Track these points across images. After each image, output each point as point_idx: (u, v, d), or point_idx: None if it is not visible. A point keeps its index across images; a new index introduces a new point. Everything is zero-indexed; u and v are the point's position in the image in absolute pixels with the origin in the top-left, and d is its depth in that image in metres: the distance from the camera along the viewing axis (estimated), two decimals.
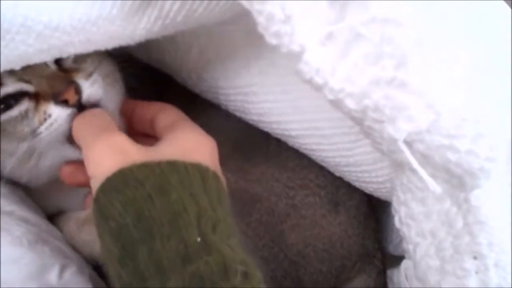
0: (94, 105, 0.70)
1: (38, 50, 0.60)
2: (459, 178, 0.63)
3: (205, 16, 0.64)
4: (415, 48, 0.58)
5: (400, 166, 0.68)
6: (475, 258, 0.65)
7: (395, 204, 0.73)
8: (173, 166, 0.59)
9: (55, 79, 0.68)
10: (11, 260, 0.65)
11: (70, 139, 0.69)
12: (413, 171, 0.64)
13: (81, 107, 0.68)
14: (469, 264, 0.66)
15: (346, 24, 0.57)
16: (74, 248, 0.77)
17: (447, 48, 0.60)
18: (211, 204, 0.58)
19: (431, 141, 0.60)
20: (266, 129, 0.87)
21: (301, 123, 0.83)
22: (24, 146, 0.71)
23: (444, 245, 0.68)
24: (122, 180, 0.58)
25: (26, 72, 0.68)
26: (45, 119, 0.68)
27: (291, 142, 0.87)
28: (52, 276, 0.67)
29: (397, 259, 0.83)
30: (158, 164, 0.59)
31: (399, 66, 0.58)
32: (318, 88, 0.59)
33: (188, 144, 0.64)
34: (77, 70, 0.70)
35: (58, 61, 0.70)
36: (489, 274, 0.65)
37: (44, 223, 0.77)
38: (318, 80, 0.58)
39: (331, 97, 0.59)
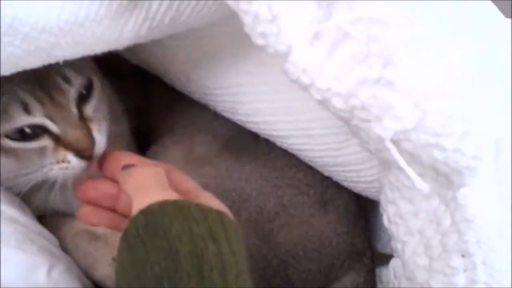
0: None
1: (25, 52, 0.59)
2: (446, 177, 0.63)
3: (193, 17, 0.64)
4: (402, 47, 0.58)
5: (387, 165, 0.69)
6: (463, 256, 0.66)
7: (383, 203, 0.74)
8: (221, 215, 0.61)
9: (80, 132, 0.73)
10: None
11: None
12: (401, 169, 0.64)
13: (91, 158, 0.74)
14: (457, 262, 0.66)
15: (333, 24, 0.57)
16: (74, 258, 0.77)
17: (434, 47, 0.60)
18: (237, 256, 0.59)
19: (418, 140, 0.61)
20: (254, 130, 0.87)
21: (289, 124, 0.84)
22: (24, 175, 0.75)
23: (432, 244, 0.68)
24: (179, 211, 0.60)
25: (54, 111, 0.72)
26: (62, 161, 0.73)
27: (279, 142, 0.87)
28: (41, 275, 0.67)
29: (386, 258, 0.83)
30: (210, 210, 0.61)
31: (386, 65, 0.58)
32: (305, 87, 0.59)
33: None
34: (94, 121, 0.75)
35: (79, 106, 0.75)
36: (477, 272, 0.65)
37: (32, 223, 0.77)
38: (305, 79, 0.58)
39: (318, 96, 0.60)
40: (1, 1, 0.55)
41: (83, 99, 0.76)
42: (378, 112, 0.59)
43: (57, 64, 0.68)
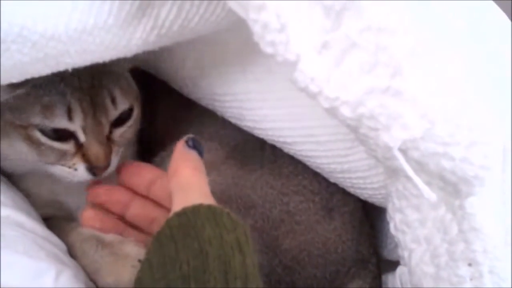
0: None
1: (33, 59, 0.59)
2: (454, 186, 0.63)
3: (201, 25, 0.64)
4: (409, 57, 0.58)
5: (395, 173, 0.69)
6: (469, 265, 0.66)
7: (390, 211, 0.74)
8: (245, 229, 0.62)
9: (102, 151, 0.77)
10: (6, 265, 0.65)
11: None
12: (408, 178, 0.64)
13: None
14: (464, 271, 0.66)
15: (341, 33, 0.57)
16: (81, 264, 0.78)
17: (442, 57, 0.60)
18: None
19: (425, 149, 0.61)
20: (261, 136, 0.87)
21: (296, 130, 0.84)
22: (37, 165, 0.79)
23: (439, 252, 0.68)
24: (212, 216, 0.61)
25: (92, 127, 0.76)
26: (69, 167, 0.77)
27: (286, 148, 0.87)
28: (48, 281, 0.67)
29: (392, 264, 0.83)
30: (238, 222, 0.62)
31: (394, 74, 0.58)
32: (313, 96, 0.59)
33: None
34: (117, 144, 0.79)
35: (112, 127, 0.79)
36: (483, 281, 0.65)
37: (40, 229, 0.77)
38: (313, 88, 0.58)
39: (326, 105, 0.60)
40: (10, 9, 0.55)
41: (118, 122, 0.79)
42: (386, 121, 0.59)
43: (110, 82, 0.75)
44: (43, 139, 0.75)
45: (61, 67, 0.64)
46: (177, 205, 0.63)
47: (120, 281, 0.75)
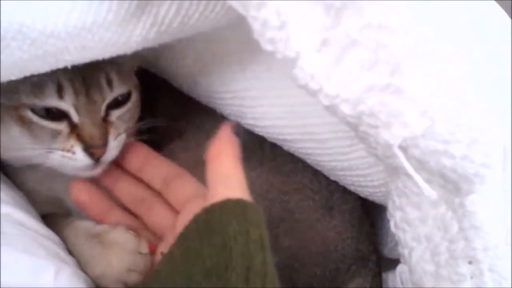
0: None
1: (33, 56, 0.59)
2: (454, 183, 0.63)
3: (201, 22, 0.64)
4: (410, 54, 0.58)
5: (395, 171, 0.68)
6: (470, 263, 0.66)
7: (390, 209, 0.74)
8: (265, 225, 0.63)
9: (97, 131, 0.75)
10: (6, 263, 0.65)
11: None
12: (409, 176, 0.64)
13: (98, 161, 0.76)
14: (464, 269, 0.66)
15: (341, 31, 0.57)
16: (73, 255, 0.77)
17: (442, 54, 0.60)
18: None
19: (426, 147, 0.61)
20: (261, 134, 0.87)
21: (296, 128, 0.84)
22: (32, 150, 0.76)
23: (440, 250, 0.68)
24: (241, 210, 0.62)
25: (84, 106, 0.75)
26: (68, 150, 0.74)
27: (286, 146, 0.87)
28: (47, 279, 0.67)
29: (392, 262, 0.83)
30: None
31: (394, 72, 0.58)
32: (313, 93, 0.59)
33: None
34: (114, 127, 0.77)
35: (109, 109, 0.78)
36: (484, 279, 0.65)
37: (39, 226, 0.77)
38: (313, 85, 0.58)
39: (326, 102, 0.59)
40: (10, 7, 0.55)
41: (114, 105, 0.78)
42: (386, 118, 0.59)
43: (107, 65, 0.73)
44: (35, 118, 0.74)
45: (60, 64, 0.64)
46: (213, 196, 0.63)
47: (109, 270, 0.75)
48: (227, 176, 0.66)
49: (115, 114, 0.78)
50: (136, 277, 0.75)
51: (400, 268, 0.76)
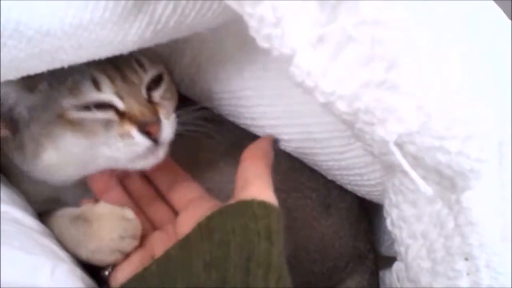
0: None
1: (29, 55, 0.59)
2: (450, 180, 0.63)
3: (197, 21, 0.64)
4: (405, 50, 0.58)
5: (391, 168, 0.69)
6: (466, 259, 0.66)
7: (387, 207, 0.74)
8: (279, 216, 0.66)
9: (146, 109, 0.75)
10: (3, 261, 0.65)
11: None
12: (404, 173, 0.64)
13: (157, 142, 0.76)
14: (461, 265, 0.66)
15: (337, 27, 0.57)
16: (62, 244, 0.77)
17: (438, 50, 0.60)
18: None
19: (421, 143, 0.61)
20: (259, 133, 0.87)
21: (293, 127, 0.84)
22: (90, 151, 0.76)
23: (436, 247, 0.68)
24: (240, 209, 0.65)
25: (124, 89, 0.75)
26: (126, 136, 0.74)
27: (283, 145, 0.87)
28: (43, 276, 0.67)
29: (389, 260, 0.83)
30: (274, 209, 0.66)
31: (390, 68, 0.58)
32: (309, 91, 0.59)
33: None
34: (162, 106, 0.78)
35: (149, 91, 0.78)
36: (480, 275, 0.66)
37: (35, 223, 0.77)
38: (309, 83, 0.58)
39: (322, 100, 0.60)
40: (6, 5, 0.55)
41: (152, 87, 0.79)
42: (382, 115, 0.59)
43: (133, 52, 0.71)
44: (82, 113, 0.74)
45: (56, 64, 0.64)
46: (244, 190, 0.68)
47: (102, 242, 0.74)
48: (260, 175, 0.71)
49: (156, 94, 0.79)
50: (131, 243, 0.75)
51: (397, 265, 0.76)
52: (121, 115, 0.74)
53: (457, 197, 0.65)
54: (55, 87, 0.74)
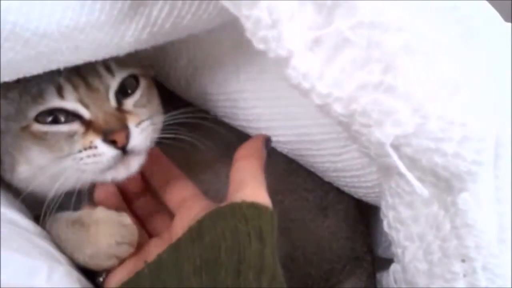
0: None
1: (26, 57, 0.59)
2: (446, 182, 0.63)
3: (193, 23, 0.64)
4: (402, 52, 0.58)
5: (388, 170, 0.69)
6: (463, 261, 0.66)
7: (383, 209, 0.74)
8: (273, 216, 0.66)
9: (112, 117, 0.73)
10: (1, 263, 0.65)
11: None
12: (401, 175, 0.64)
13: (125, 152, 0.73)
14: (457, 267, 0.66)
15: (333, 29, 0.57)
16: (60, 247, 0.77)
17: (434, 53, 0.60)
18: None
19: (418, 145, 0.61)
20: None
21: (290, 129, 0.84)
22: (57, 164, 0.74)
23: (432, 249, 0.68)
24: (229, 211, 0.64)
25: (89, 96, 0.73)
26: (89, 148, 0.72)
27: (280, 147, 0.88)
28: (41, 278, 0.67)
29: (387, 262, 0.83)
30: (266, 209, 0.65)
31: (386, 70, 0.58)
32: (305, 93, 0.59)
33: None
34: (132, 114, 0.75)
35: (119, 99, 0.76)
36: (477, 277, 0.66)
37: (31, 225, 0.76)
38: (306, 84, 0.58)
39: (318, 101, 0.60)
40: (2, 7, 0.55)
41: (125, 94, 0.77)
42: (378, 117, 0.59)
43: None
44: (45, 127, 0.73)
45: (53, 65, 0.64)
46: (238, 191, 0.67)
47: (99, 248, 0.73)
48: (254, 176, 0.70)
49: (128, 102, 0.77)
50: (128, 249, 0.74)
51: (394, 267, 0.76)
52: (88, 124, 0.73)
53: (453, 199, 0.65)
54: (23, 97, 0.73)
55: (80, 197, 0.80)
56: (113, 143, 0.72)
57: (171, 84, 0.92)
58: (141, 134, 0.74)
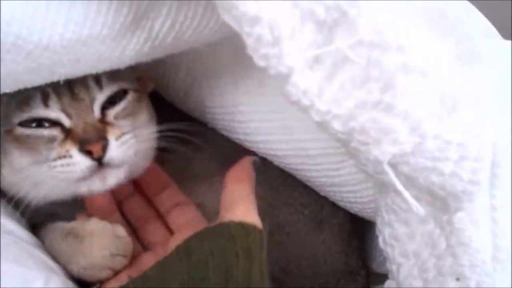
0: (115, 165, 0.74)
1: (27, 69, 0.60)
2: (442, 201, 0.64)
3: (194, 37, 0.65)
4: (401, 72, 0.59)
5: (384, 187, 0.69)
6: (457, 279, 0.66)
7: (379, 225, 0.74)
8: (261, 235, 0.66)
9: (91, 127, 0.73)
10: None
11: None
12: (397, 192, 0.64)
13: (101, 164, 0.72)
14: (452, 285, 0.66)
15: (333, 48, 0.57)
16: (54, 258, 0.77)
17: (432, 72, 0.61)
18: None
19: (415, 164, 0.61)
20: (252, 148, 0.88)
21: (287, 143, 0.84)
22: (34, 169, 0.74)
23: (427, 266, 0.69)
24: (218, 230, 0.65)
25: (72, 106, 0.73)
26: (64, 156, 0.72)
27: (276, 161, 0.88)
28: None
29: (381, 277, 0.83)
30: (254, 228, 0.66)
31: (385, 89, 0.58)
32: (305, 109, 0.60)
33: None
34: (113, 126, 0.75)
35: (104, 110, 0.75)
36: None
37: (27, 235, 0.77)
38: (305, 101, 0.59)
39: (317, 118, 0.60)
40: (5, 20, 0.55)
41: (109, 105, 0.77)
42: (376, 135, 0.60)
43: None
44: (27, 130, 0.73)
45: (54, 77, 0.64)
46: (230, 213, 0.68)
47: (93, 259, 0.73)
48: (244, 199, 0.70)
49: (110, 113, 0.76)
50: (122, 261, 0.74)
51: (388, 283, 0.76)
52: (67, 132, 0.73)
53: (449, 218, 0.65)
54: (10, 101, 0.73)
55: (75, 207, 0.80)
56: (89, 153, 0.71)
57: (170, 95, 0.92)
58: (121, 147, 0.73)
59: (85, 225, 0.76)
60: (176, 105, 0.93)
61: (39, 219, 0.82)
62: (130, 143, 0.75)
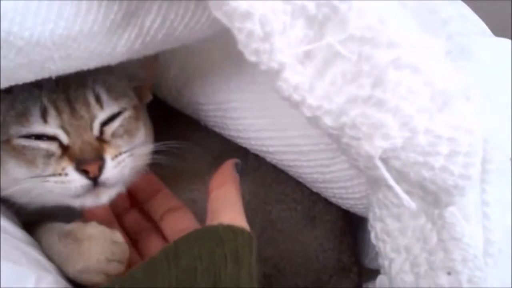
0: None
1: (18, 65, 0.59)
2: (434, 195, 0.64)
3: (186, 34, 0.65)
4: (391, 67, 0.59)
5: (376, 182, 0.69)
6: (449, 274, 0.66)
7: (371, 220, 0.74)
8: (251, 238, 0.65)
9: (89, 146, 0.72)
10: None
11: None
12: (389, 187, 0.64)
13: (96, 183, 0.72)
14: (443, 280, 0.67)
15: (324, 43, 0.58)
16: (49, 258, 0.77)
17: (423, 68, 0.61)
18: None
19: (406, 158, 0.61)
20: (244, 145, 0.88)
21: (279, 140, 0.84)
22: (28, 182, 0.74)
23: (419, 261, 0.69)
24: (206, 234, 0.65)
25: (71, 124, 0.73)
26: (59, 174, 0.72)
27: (269, 158, 0.88)
28: (28, 286, 0.67)
29: (373, 273, 0.83)
30: (242, 232, 0.65)
31: (376, 84, 0.58)
32: (296, 105, 0.60)
33: None
34: (110, 145, 0.75)
35: (102, 126, 0.75)
36: None
37: (20, 233, 0.76)
38: (296, 97, 0.59)
39: (308, 114, 0.60)
40: None
41: (107, 122, 0.76)
42: (367, 130, 0.60)
43: (93, 84, 0.73)
44: (26, 142, 0.72)
45: (45, 74, 0.63)
46: (217, 218, 0.67)
47: (89, 263, 0.73)
48: (231, 203, 0.71)
49: (107, 131, 0.76)
50: (117, 266, 0.74)
51: (380, 279, 0.76)
52: (64, 149, 0.73)
53: (440, 212, 0.65)
54: (9, 111, 0.73)
55: (72, 210, 0.80)
56: (85, 172, 0.71)
57: (162, 92, 0.92)
58: (116, 167, 0.74)
59: (84, 228, 0.76)
60: (168, 103, 0.93)
61: (35, 218, 0.82)
62: (126, 162, 0.75)
